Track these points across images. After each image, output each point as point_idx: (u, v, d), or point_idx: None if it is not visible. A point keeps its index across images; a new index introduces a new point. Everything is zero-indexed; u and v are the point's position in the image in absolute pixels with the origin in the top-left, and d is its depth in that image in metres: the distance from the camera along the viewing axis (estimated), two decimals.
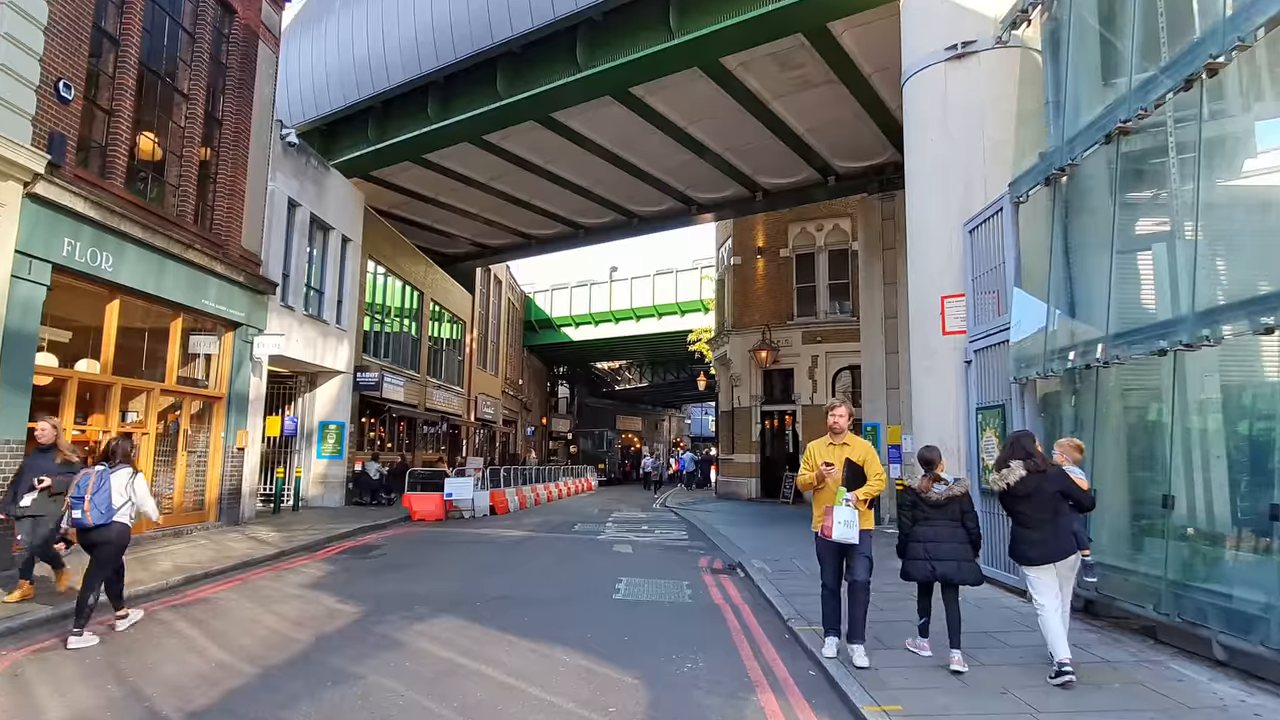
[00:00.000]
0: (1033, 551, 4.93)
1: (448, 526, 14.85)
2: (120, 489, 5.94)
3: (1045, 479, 4.93)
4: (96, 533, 5.83)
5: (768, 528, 14.73)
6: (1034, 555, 4.93)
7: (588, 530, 14.52)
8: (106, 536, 5.86)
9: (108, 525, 5.83)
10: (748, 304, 22.81)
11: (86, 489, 5.82)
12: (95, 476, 5.90)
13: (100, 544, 5.87)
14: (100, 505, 5.80)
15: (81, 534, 5.90)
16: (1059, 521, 4.91)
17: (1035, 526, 4.92)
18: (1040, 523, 4.89)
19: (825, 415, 5.48)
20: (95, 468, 6.04)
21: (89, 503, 5.77)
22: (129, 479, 6.04)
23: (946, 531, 5.17)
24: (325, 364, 16.26)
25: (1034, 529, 4.92)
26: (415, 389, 22.33)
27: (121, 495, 5.93)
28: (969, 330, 8.79)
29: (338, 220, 16.74)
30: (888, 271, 17.29)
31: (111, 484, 5.90)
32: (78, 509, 5.80)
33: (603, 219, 22.19)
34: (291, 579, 8.76)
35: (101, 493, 5.83)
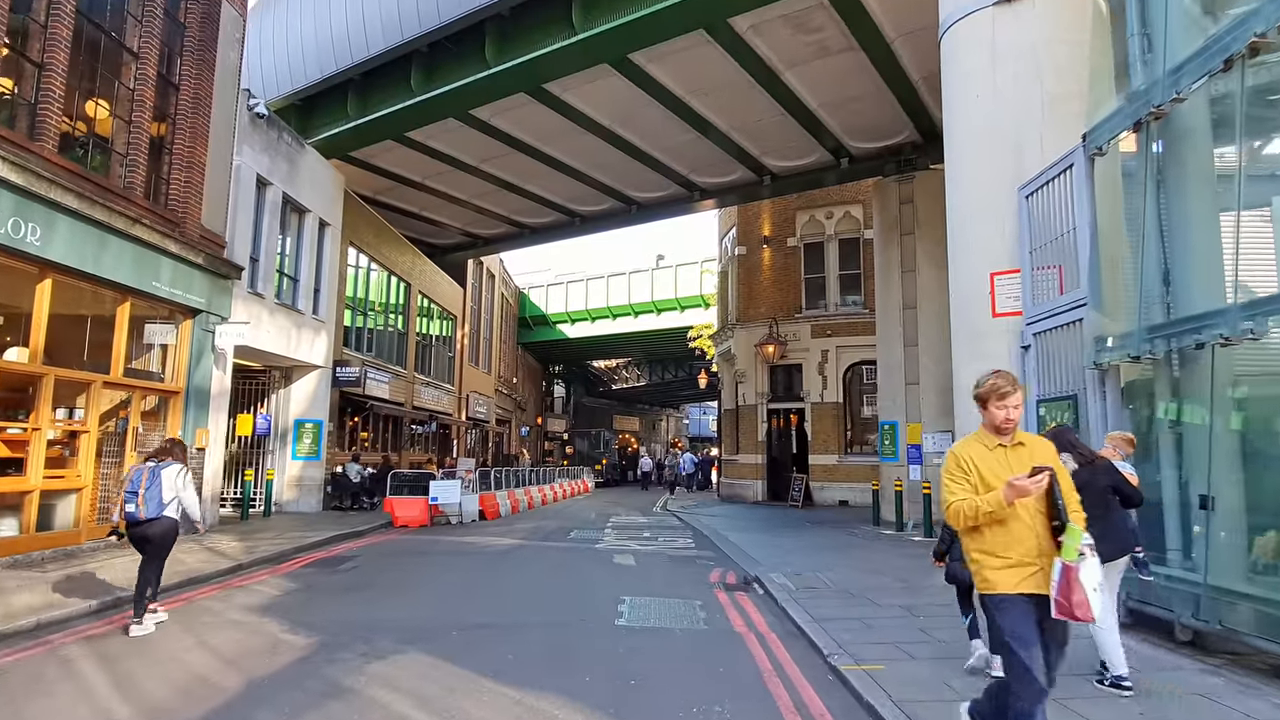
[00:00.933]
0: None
1: (432, 534, 13.62)
2: (170, 485, 6.20)
3: (1095, 472, 4.59)
4: (147, 526, 6.11)
5: (780, 535, 13.54)
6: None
7: (585, 538, 13.31)
8: (156, 530, 6.15)
9: (157, 519, 6.11)
10: (753, 296, 21.63)
11: (140, 484, 6.10)
12: (148, 473, 6.18)
13: (150, 537, 6.15)
14: (152, 500, 6.07)
15: (132, 527, 6.16)
16: (1111, 517, 4.58)
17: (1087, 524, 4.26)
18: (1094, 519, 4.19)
19: (985, 401, 3.36)
20: (147, 464, 6.29)
21: (142, 498, 6.06)
22: (178, 476, 6.30)
23: None
24: (300, 357, 15.02)
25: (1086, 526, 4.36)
26: (402, 386, 21.10)
27: (171, 491, 6.21)
28: (1026, 311, 7.61)
29: (314, 202, 15.50)
30: (906, 258, 16.11)
31: (162, 480, 6.16)
32: (131, 503, 6.07)
33: (600, 205, 20.98)
34: (240, 600, 7.53)
35: (153, 488, 6.11)
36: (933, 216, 16.05)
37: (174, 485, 6.22)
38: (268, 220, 13.80)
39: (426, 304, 23.90)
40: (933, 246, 15.96)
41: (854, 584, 8.34)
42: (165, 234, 10.62)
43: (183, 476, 6.33)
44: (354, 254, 18.42)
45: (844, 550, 11.23)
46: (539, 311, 38.35)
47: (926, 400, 15.55)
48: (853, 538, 12.90)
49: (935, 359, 15.63)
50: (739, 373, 21.49)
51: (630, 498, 27.28)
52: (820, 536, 13.17)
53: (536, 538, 13.21)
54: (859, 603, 7.40)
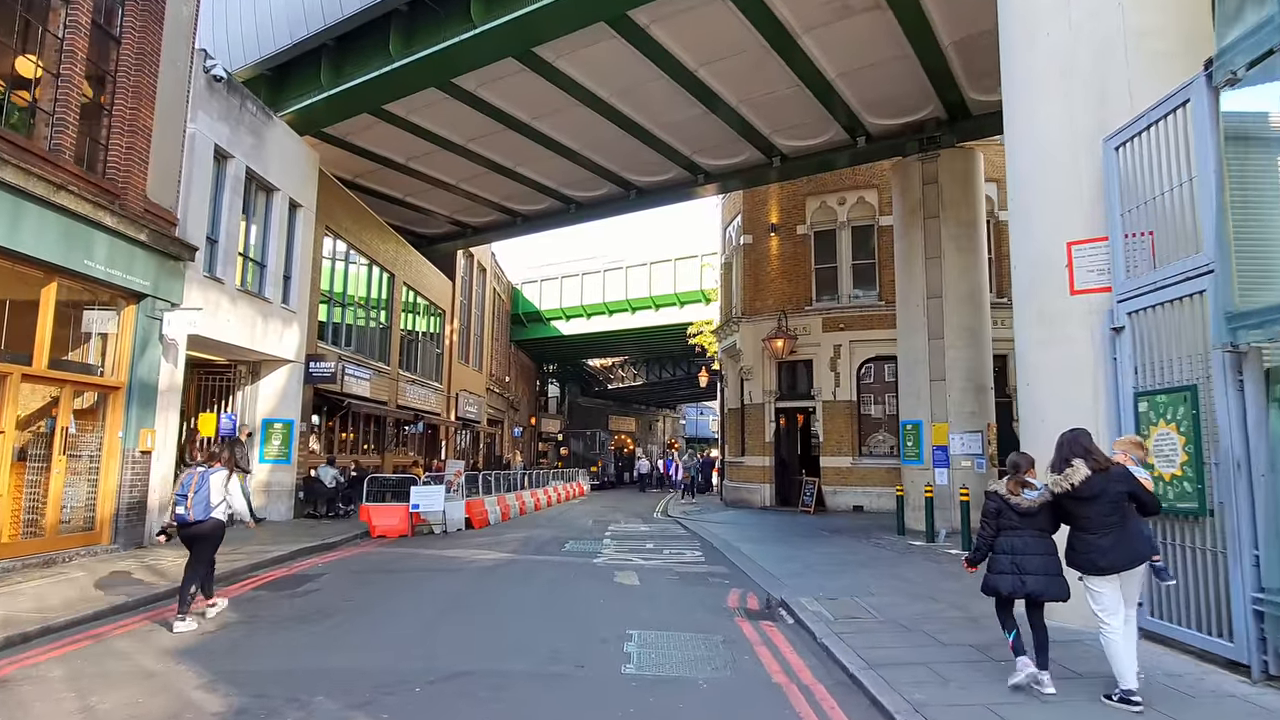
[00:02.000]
0: (1103, 559, 4.47)
1: (412, 545, 12.26)
2: (219, 488, 6.46)
3: (1109, 478, 4.50)
4: (195, 527, 6.38)
5: (798, 546, 12.24)
6: (1105, 563, 4.47)
7: (581, 550, 11.97)
8: (203, 531, 6.41)
9: (204, 521, 6.37)
10: (760, 288, 20.32)
11: (190, 487, 6.37)
12: (197, 476, 6.42)
13: (198, 538, 6.43)
14: (200, 503, 6.33)
15: (182, 528, 6.43)
16: (1127, 525, 4.50)
17: (1101, 531, 4.50)
18: (1108, 526, 4.48)
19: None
20: (197, 468, 6.52)
21: (191, 500, 6.32)
22: (226, 479, 6.55)
23: (1035, 543, 4.73)
24: (268, 350, 13.64)
25: (1100, 534, 4.50)
26: (385, 384, 19.72)
27: (219, 494, 6.46)
28: (1116, 285, 6.31)
29: (284, 181, 14.12)
30: (929, 244, 14.83)
31: (211, 484, 6.41)
32: (181, 505, 6.35)
33: (597, 190, 19.64)
34: (162, 638, 6.17)
35: (201, 491, 6.35)
36: (959, 198, 14.84)
37: (222, 489, 6.53)
38: (228, 197, 12.43)
39: (412, 297, 22.52)
40: (959, 230, 14.73)
41: (902, 612, 7.03)
42: (100, 205, 9.23)
43: (229, 481, 6.62)
44: (331, 240, 17.05)
45: (875, 566, 9.91)
46: (532, 308, 36.99)
47: (953, 398, 14.28)
48: (880, 550, 11.59)
49: (963, 352, 14.41)
50: (745, 369, 20.18)
51: (628, 502, 25.96)
52: (843, 548, 11.87)
53: (528, 550, 11.87)
54: (917, 639, 6.09)
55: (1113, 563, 4.44)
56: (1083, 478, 4.47)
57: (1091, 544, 4.49)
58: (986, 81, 13.72)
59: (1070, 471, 4.53)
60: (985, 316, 14.80)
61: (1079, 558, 4.58)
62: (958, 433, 14.15)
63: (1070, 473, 4.52)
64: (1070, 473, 4.52)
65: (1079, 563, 4.58)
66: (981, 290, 14.79)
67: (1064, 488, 4.56)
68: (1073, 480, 4.50)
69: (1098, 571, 4.49)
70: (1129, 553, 4.45)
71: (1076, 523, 4.61)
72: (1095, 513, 4.49)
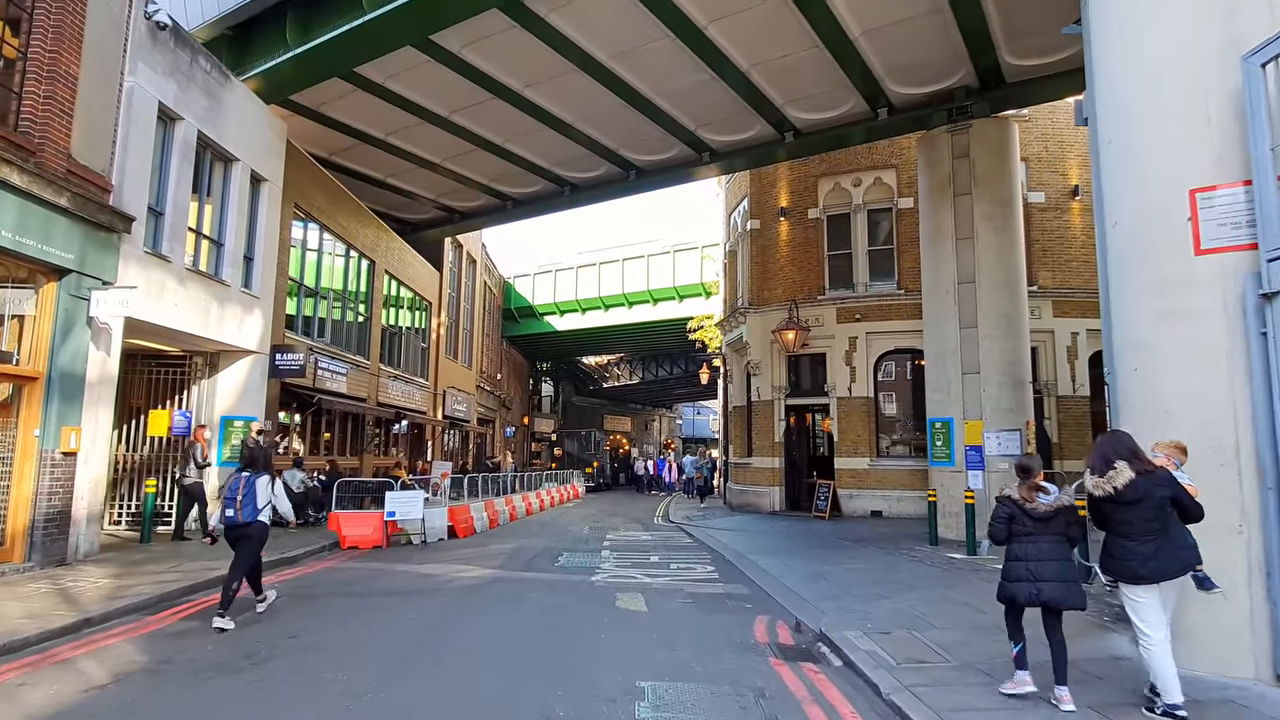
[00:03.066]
0: (1143, 568, 4.25)
1: (385, 559, 10.82)
2: (265, 491, 6.82)
3: (1154, 483, 4.26)
4: (243, 529, 6.72)
5: (823, 559, 10.86)
6: (1145, 571, 4.25)
7: (576, 565, 10.55)
8: (249, 533, 6.75)
9: (251, 523, 6.72)
10: (769, 276, 18.94)
11: (238, 490, 6.73)
12: (244, 481, 6.78)
13: (244, 539, 6.75)
14: (248, 506, 6.70)
15: (230, 529, 6.77)
16: (1170, 532, 4.28)
17: (1143, 538, 4.27)
18: (1151, 533, 4.25)
19: None
20: (243, 473, 6.85)
21: (239, 503, 6.68)
22: (270, 483, 6.90)
23: (1050, 548, 4.57)
24: (225, 340, 12.17)
25: (1141, 540, 4.27)
26: (363, 379, 18.25)
27: (265, 497, 6.83)
28: (1266, 241, 4.94)
29: (245, 151, 12.65)
30: (960, 223, 13.48)
31: (257, 487, 6.78)
32: (230, 508, 6.72)
33: (594, 171, 18.21)
34: (37, 694, 4.73)
35: (249, 495, 6.73)
36: (993, 172, 13.50)
37: (268, 492, 6.83)
38: (177, 164, 10.95)
39: (395, 287, 21.05)
40: (993, 208, 13.39)
41: (978, 652, 5.66)
42: (7, 160, 7.77)
43: (272, 485, 6.91)
44: (302, 222, 15.59)
45: (922, 587, 8.53)
46: (525, 302, 35.53)
47: (988, 393, 12.93)
48: (917, 564, 10.22)
49: (999, 343, 13.07)
50: (752, 364, 18.80)
51: (626, 505, 24.55)
52: (875, 562, 10.49)
53: (516, 565, 10.43)
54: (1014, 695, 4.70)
55: (1154, 571, 4.27)
56: (1127, 480, 4.25)
57: (1132, 551, 4.31)
58: (1028, 43, 12.43)
59: (1114, 474, 4.29)
60: (1022, 303, 13.47)
61: (1117, 564, 4.38)
62: (993, 431, 12.80)
63: (1114, 475, 4.29)
64: (1114, 475, 4.29)
65: (1117, 570, 4.39)
66: (1018, 274, 13.44)
67: (1106, 490, 4.32)
68: (1116, 483, 4.27)
69: (1137, 580, 4.31)
70: (1172, 561, 4.28)
71: (1116, 528, 4.40)
72: (1137, 518, 4.29)
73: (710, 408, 68.11)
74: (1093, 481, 4.40)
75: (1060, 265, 16.55)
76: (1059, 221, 16.74)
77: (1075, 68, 12.96)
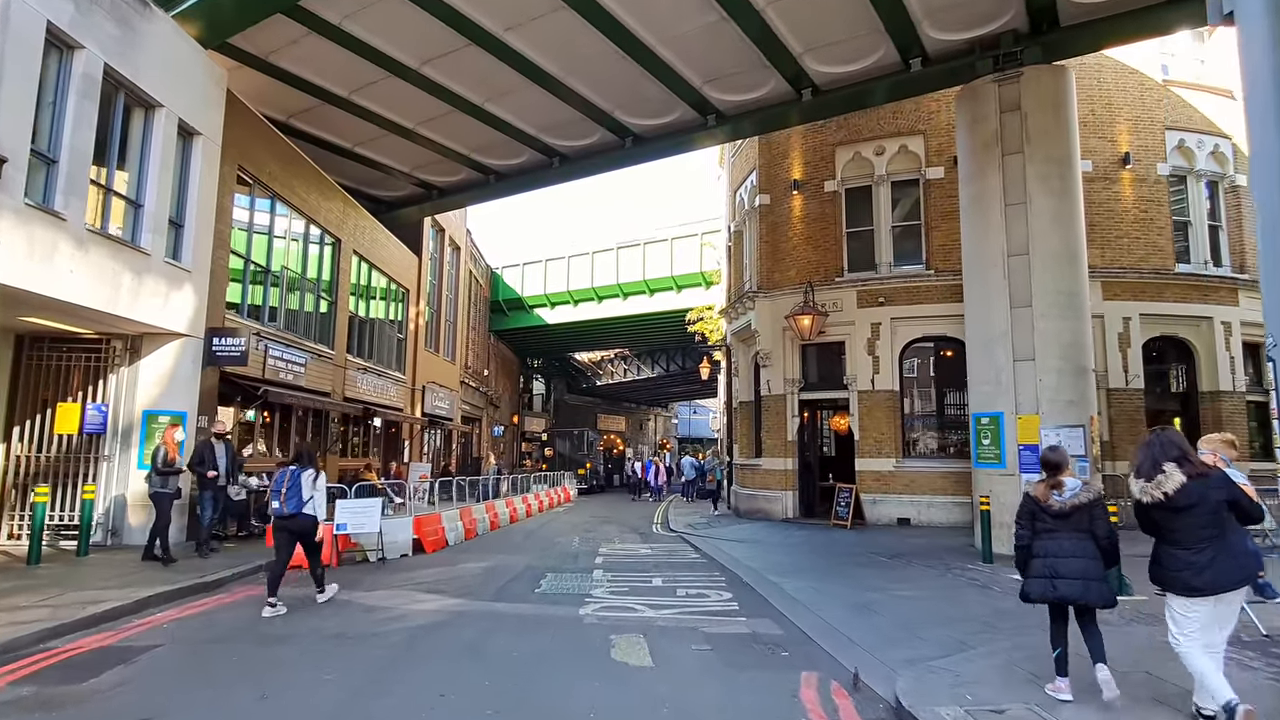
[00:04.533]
0: (1198, 579, 3.93)
1: (329, 583, 8.84)
2: (309, 485, 7.24)
3: (1209, 485, 3.96)
4: (290, 521, 7.21)
5: (861, 581, 8.97)
6: (1200, 583, 3.93)
7: (562, 592, 8.60)
8: (299, 525, 7.24)
9: (297, 514, 7.18)
10: (780, 257, 17.05)
11: (283, 484, 7.22)
12: (289, 475, 7.26)
13: (293, 529, 7.25)
14: (292, 498, 7.17)
15: (275, 520, 7.33)
16: (1228, 538, 3.95)
17: (1196, 546, 3.94)
18: (1205, 541, 3.92)
19: None
20: (289, 468, 7.37)
21: (284, 496, 7.16)
22: (315, 477, 7.34)
23: (1072, 545, 4.48)
24: (143, 318, 10.20)
25: (1194, 549, 3.95)
26: (327, 371, 16.27)
27: (309, 490, 7.24)
28: None
29: (171, 97, 10.67)
30: (1010, 188, 11.63)
31: (302, 481, 7.23)
32: (276, 500, 7.22)
33: (586, 138, 16.28)
34: None
35: (294, 488, 7.20)
36: (1048, 128, 11.66)
37: (311, 486, 7.25)
38: (75, 102, 8.95)
39: (366, 270, 19.08)
40: (1050, 168, 11.54)
41: None
42: None
43: (316, 481, 7.34)
44: (251, 188, 13.60)
45: (1006, 627, 6.61)
46: (514, 294, 33.57)
47: (1046, 382, 11.09)
48: (984, 591, 8.34)
49: (1058, 324, 11.24)
50: (761, 354, 16.90)
51: (620, 510, 22.62)
52: (927, 586, 8.61)
53: (486, 592, 8.48)
54: None
55: (1211, 582, 3.93)
56: (1177, 485, 3.95)
57: (1184, 561, 3.97)
58: None
59: (1162, 478, 3.99)
60: (1083, 277, 11.63)
61: (1168, 575, 4.07)
62: (1052, 428, 10.95)
63: (1162, 480, 3.99)
64: (1162, 480, 3.99)
65: (1168, 581, 4.07)
66: (1078, 243, 11.61)
67: (1154, 496, 4.02)
68: (1166, 488, 3.97)
69: (1191, 592, 3.98)
70: (1232, 571, 3.92)
71: (1166, 536, 4.10)
72: (1190, 524, 3.98)
73: (708, 407, 66.24)
74: (1139, 486, 4.11)
75: (1110, 242, 14.72)
76: (1108, 193, 14.92)
77: (1144, 5, 11.17)
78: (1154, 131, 15.25)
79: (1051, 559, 4.50)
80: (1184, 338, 14.99)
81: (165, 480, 9.66)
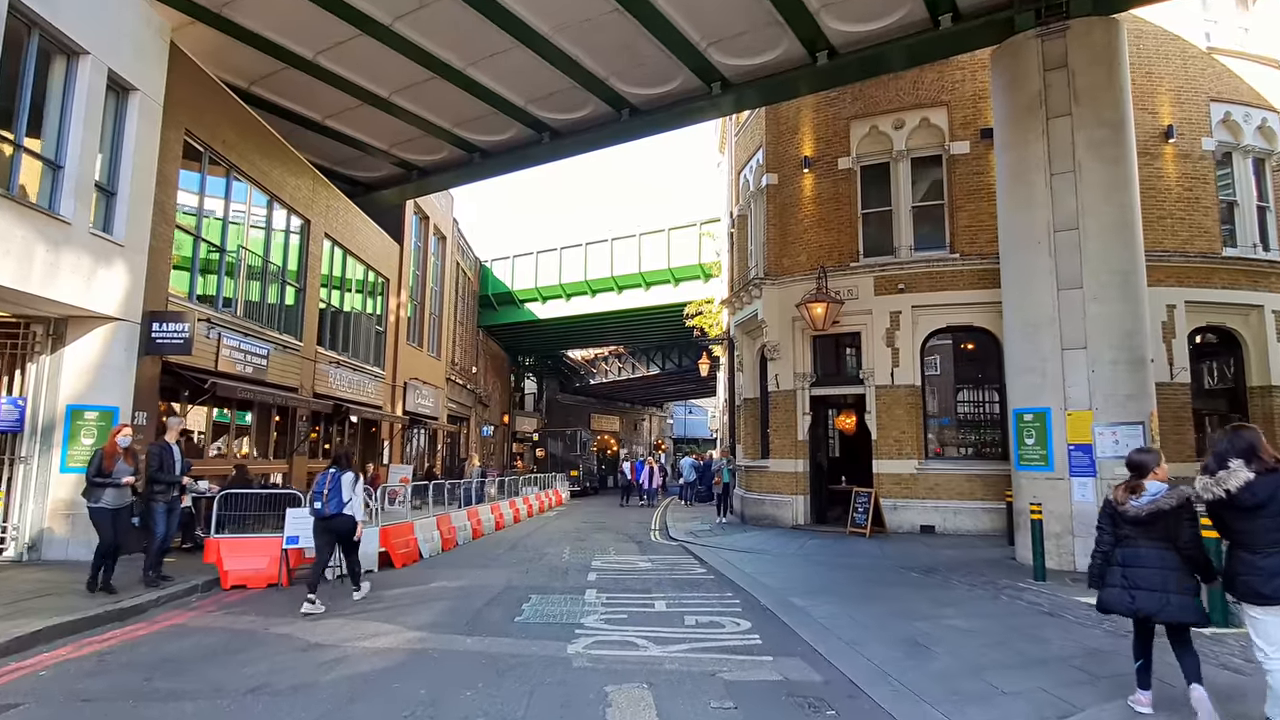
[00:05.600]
0: (1267, 585, 3.67)
1: (269, 611, 7.45)
2: (349, 487, 7.65)
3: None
4: (331, 521, 7.63)
5: (901, 603, 7.63)
6: (1269, 590, 3.67)
7: (546, 621, 7.20)
8: (339, 525, 7.68)
9: (339, 515, 7.60)
10: (789, 241, 15.71)
11: (325, 486, 7.61)
12: (330, 478, 7.64)
13: (336, 529, 7.70)
14: (333, 499, 7.58)
15: (319, 520, 7.68)
16: None
17: (1266, 550, 3.69)
18: (1275, 545, 3.64)
19: None
20: (329, 471, 7.72)
21: (326, 496, 7.58)
22: (355, 480, 7.76)
23: (1151, 555, 4.18)
24: (64, 298, 8.78)
25: (1264, 553, 3.69)
26: (293, 364, 14.84)
27: (349, 492, 7.64)
28: None
29: (98, 43, 9.25)
30: (1056, 154, 10.33)
31: (342, 483, 7.63)
32: (318, 501, 7.60)
33: (579, 110, 14.91)
34: None
35: (335, 490, 7.59)
36: (1099, 86, 10.35)
37: (351, 488, 7.63)
38: None
39: (340, 256, 17.64)
40: (1102, 133, 10.25)
41: None
42: None
43: (357, 484, 7.79)
44: (204, 157, 12.17)
45: (1108, 676, 5.25)
46: (504, 288, 32.16)
47: (1100, 374, 9.78)
48: (1055, 620, 6.99)
49: (1112, 307, 9.95)
50: (769, 346, 15.55)
51: (615, 515, 21.23)
52: (984, 613, 7.25)
53: (456, 623, 7.07)
54: None
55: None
56: (1242, 482, 3.68)
57: (1252, 565, 3.72)
58: None
59: (1225, 475, 3.74)
60: (1139, 255, 10.33)
61: (1236, 581, 3.82)
62: (1107, 425, 9.66)
63: (1225, 476, 3.74)
64: (1225, 476, 3.74)
65: (1238, 587, 3.82)
66: (1134, 216, 10.30)
67: (1216, 494, 3.78)
68: (1228, 485, 3.71)
69: (1260, 600, 3.70)
70: None
71: (1235, 538, 3.87)
72: (1260, 526, 3.71)
73: (703, 406, 64.87)
74: (1202, 484, 3.86)
75: (1153, 223, 13.38)
76: (1149, 170, 13.59)
77: None
78: (1198, 103, 13.96)
79: (1130, 569, 4.22)
80: (1232, 328, 13.69)
81: (102, 493, 8.00)
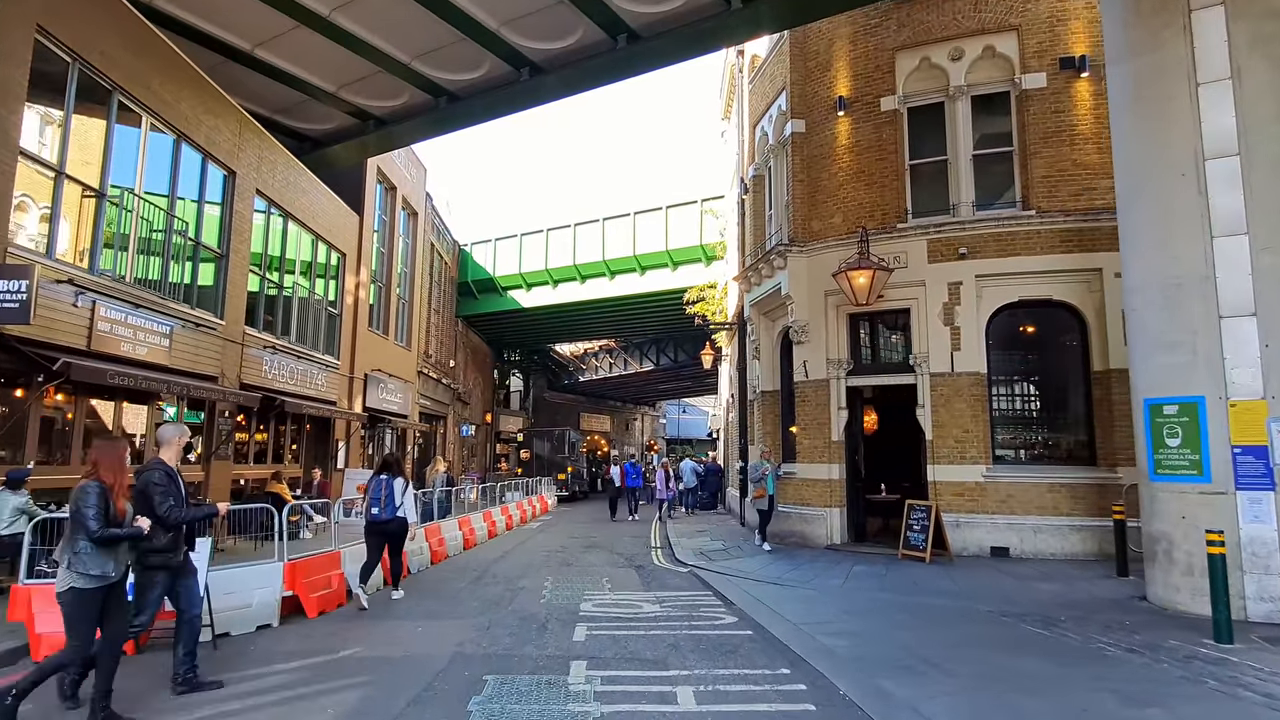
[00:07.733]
0: None
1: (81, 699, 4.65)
2: (400, 493, 8.23)
3: None
4: (387, 525, 8.16)
5: (1038, 689, 4.92)
6: None
7: None
8: (392, 528, 8.22)
9: (392, 519, 8.18)
10: (820, 199, 13.03)
11: (381, 492, 8.18)
12: (384, 485, 8.22)
13: (389, 532, 8.22)
14: (389, 505, 8.14)
15: (374, 524, 8.17)
16: None
17: None
18: None
19: None
20: (381, 476, 8.33)
21: (384, 502, 8.15)
22: (405, 486, 8.35)
23: None
24: None
25: None
26: (209, 346, 12.00)
27: (400, 497, 8.20)
28: None
29: None
30: (1205, 59, 7.71)
31: (395, 489, 8.21)
32: (376, 507, 8.14)
33: (566, 39, 12.17)
34: None
35: (389, 496, 8.15)
36: None
37: (402, 494, 8.22)
38: None
39: (279, 220, 14.81)
40: (1274, 25, 7.59)
41: None
42: None
43: (407, 489, 8.37)
44: (72, 70, 9.31)
45: None
46: (485, 274, 29.37)
47: (1276, 349, 7.15)
48: None
49: None
50: (795, 327, 12.85)
51: (606, 528, 18.43)
52: (1174, 702, 4.55)
53: None
54: None
55: None
56: None
57: None
58: None
59: None
60: None
61: None
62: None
63: None
64: None
65: None
66: None
67: None
68: None
69: None
70: None
71: None
72: None
73: (699, 406, 62.07)
74: None
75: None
76: None
77: None
78: None
79: None
80: None
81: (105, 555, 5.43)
